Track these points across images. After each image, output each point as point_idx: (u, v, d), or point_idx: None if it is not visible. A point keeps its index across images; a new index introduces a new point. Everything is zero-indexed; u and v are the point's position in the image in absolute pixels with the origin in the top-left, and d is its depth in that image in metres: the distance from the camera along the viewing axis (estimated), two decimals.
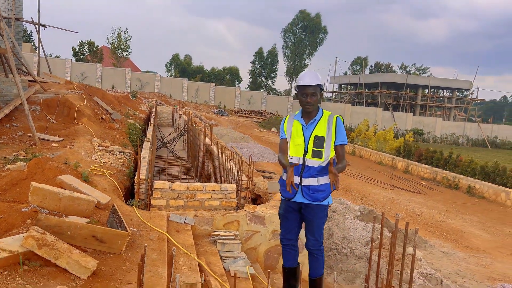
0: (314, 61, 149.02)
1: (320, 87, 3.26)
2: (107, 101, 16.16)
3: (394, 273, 5.74)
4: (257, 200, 8.24)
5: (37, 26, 17.03)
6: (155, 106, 27.46)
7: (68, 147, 8.35)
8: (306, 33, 60.34)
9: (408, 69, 74.25)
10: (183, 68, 60.97)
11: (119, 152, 9.13)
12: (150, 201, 6.49)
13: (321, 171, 3.19)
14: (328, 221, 8.97)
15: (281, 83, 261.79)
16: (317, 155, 3.18)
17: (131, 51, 49.89)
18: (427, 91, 52.09)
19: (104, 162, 7.84)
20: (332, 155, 3.22)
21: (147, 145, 9.82)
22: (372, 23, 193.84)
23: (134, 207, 5.73)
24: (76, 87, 15.10)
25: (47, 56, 18.70)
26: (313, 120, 3.27)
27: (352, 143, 28.42)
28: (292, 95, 56.27)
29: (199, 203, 6.75)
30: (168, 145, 17.15)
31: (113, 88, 38.83)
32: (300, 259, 5.46)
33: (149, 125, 15.95)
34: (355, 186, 15.97)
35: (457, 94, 58.55)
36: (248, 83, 64.92)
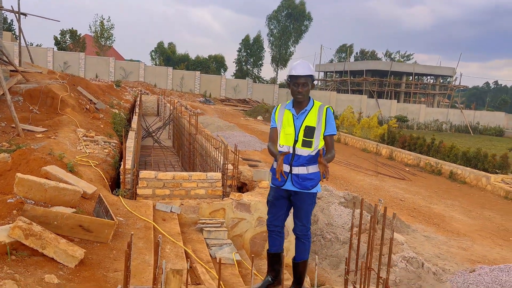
0: (299, 49, 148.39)
1: (311, 77, 3.33)
2: (91, 91, 16.00)
3: (376, 257, 5.91)
4: (243, 188, 8.32)
5: (17, 14, 16.65)
6: (139, 95, 27.23)
7: (52, 137, 8.30)
8: (290, 20, 60.19)
9: (392, 56, 74.76)
10: (167, 56, 60.34)
11: (104, 142, 9.10)
12: (136, 190, 6.53)
13: (310, 160, 3.28)
14: None
15: (267, 71, 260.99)
16: (307, 144, 3.26)
17: (114, 40, 49.28)
18: (411, 78, 52.58)
19: (89, 152, 7.83)
20: (321, 145, 3.30)
21: (132, 134, 9.80)
22: (357, 10, 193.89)
23: (120, 196, 5.77)
24: (59, 77, 14.91)
25: (28, 45, 18.37)
26: (304, 110, 3.34)
27: (337, 130, 28.66)
28: (278, 83, 56.25)
29: (185, 192, 6.81)
30: (153, 134, 17.09)
31: (97, 77, 38.33)
32: (285, 245, 5.58)
33: (134, 114, 15.87)
34: (340, 173, 16.18)
35: (440, 81, 59.18)
36: (233, 71, 64.72)
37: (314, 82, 3.42)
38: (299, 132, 3.27)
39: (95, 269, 3.61)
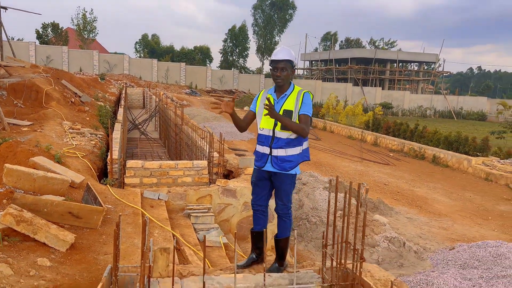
0: (284, 38, 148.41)
1: (291, 63, 3.47)
2: (75, 84, 15.94)
3: (358, 238, 6.13)
4: (229, 175, 8.49)
5: None
6: (124, 88, 27.07)
7: (38, 130, 8.35)
8: (275, 9, 60.14)
9: (377, 44, 75.18)
10: (152, 48, 59.91)
11: (91, 134, 9.17)
12: (123, 180, 6.65)
13: (289, 143, 3.43)
14: (298, 193, 9.35)
15: (253, 61, 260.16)
16: (285, 127, 3.41)
17: (97, 33, 48.57)
18: (395, 65, 53.05)
19: (76, 144, 7.90)
20: None
21: (118, 126, 9.88)
22: None
23: (108, 185, 5.89)
24: (42, 71, 14.83)
25: (10, 39, 18.09)
26: (284, 94, 3.50)
27: (323, 118, 28.94)
28: (264, 73, 56.27)
29: (172, 180, 6.96)
30: (140, 126, 17.12)
31: (81, 71, 37.95)
32: (271, 228, 5.77)
33: (120, 107, 15.89)
34: (325, 160, 16.45)
35: (424, 67, 59.81)
36: (219, 62, 64.51)
37: (294, 68, 3.54)
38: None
39: (85, 252, 3.76)
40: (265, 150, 3.49)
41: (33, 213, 3.76)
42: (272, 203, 3.76)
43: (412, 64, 60.30)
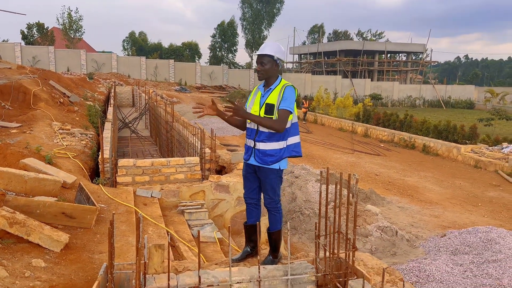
0: (273, 32, 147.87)
1: (271, 57, 3.48)
2: (63, 84, 15.81)
3: (350, 228, 6.20)
4: (222, 171, 8.52)
5: None
6: (113, 86, 26.95)
7: (27, 132, 8.29)
8: (263, 4, 60.00)
9: (364, 35, 75.38)
10: (140, 46, 59.53)
11: (81, 134, 9.13)
12: (116, 179, 6.64)
13: (270, 137, 3.45)
14: (291, 186, 9.41)
15: (242, 56, 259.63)
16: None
17: (84, 32, 48.15)
18: (384, 56, 53.27)
19: (66, 144, 7.87)
20: None
21: (108, 125, 9.84)
22: None
23: (100, 185, 5.88)
24: (29, 72, 14.69)
25: None
26: (270, 88, 3.53)
27: (313, 111, 29.02)
28: (253, 67, 56.22)
29: (164, 178, 6.97)
30: (130, 125, 17.07)
31: (68, 71, 37.60)
32: (265, 222, 5.81)
33: (109, 106, 15.80)
34: (317, 152, 16.53)
35: (412, 57, 60.17)
36: (208, 58, 64.31)
37: (277, 63, 3.53)
38: (261, 109, 3.45)
39: (80, 252, 3.77)
40: (251, 143, 3.53)
41: (26, 215, 3.76)
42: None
43: (400, 54, 60.62)
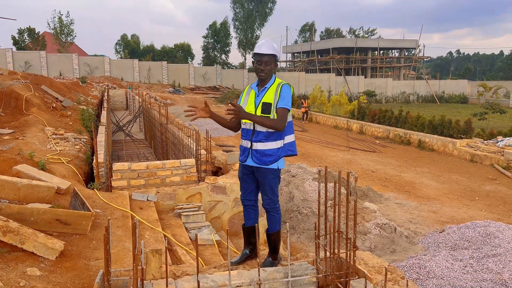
0: (265, 32, 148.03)
1: (274, 57, 3.45)
2: (56, 89, 15.68)
3: (350, 226, 6.16)
4: (218, 172, 8.45)
5: None
6: (107, 90, 26.79)
7: (20, 138, 8.19)
8: (255, 3, 59.97)
9: (357, 33, 75.54)
10: (132, 48, 59.31)
11: (74, 138, 9.04)
12: (111, 183, 6.56)
13: (268, 137, 3.40)
14: (288, 185, 9.36)
15: (235, 56, 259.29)
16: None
17: (75, 35, 47.98)
18: (376, 53, 53.38)
19: (60, 150, 7.78)
20: None
21: (102, 129, 9.75)
22: None
23: (95, 190, 5.80)
24: (21, 77, 14.55)
25: None
26: (264, 87, 3.47)
27: (309, 110, 28.99)
28: (246, 67, 56.16)
29: (160, 181, 6.89)
30: (124, 128, 16.96)
31: (61, 75, 37.39)
32: (263, 223, 5.76)
33: (103, 109, 15.69)
34: (313, 151, 16.50)
35: (405, 53, 60.34)
36: (201, 59, 64.16)
37: (277, 62, 3.53)
38: (257, 108, 3.40)
39: (76, 259, 3.69)
40: (247, 144, 3.46)
41: (19, 223, 3.68)
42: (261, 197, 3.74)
43: (393, 51, 60.76)
